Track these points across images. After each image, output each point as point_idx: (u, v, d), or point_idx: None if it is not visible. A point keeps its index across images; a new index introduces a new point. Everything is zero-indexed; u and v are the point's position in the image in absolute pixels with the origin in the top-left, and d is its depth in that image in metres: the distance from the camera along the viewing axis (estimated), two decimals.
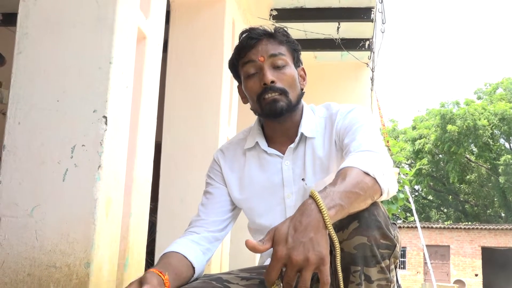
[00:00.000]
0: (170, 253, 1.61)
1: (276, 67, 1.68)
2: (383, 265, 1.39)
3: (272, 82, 1.65)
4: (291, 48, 1.74)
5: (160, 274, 1.43)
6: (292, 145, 1.73)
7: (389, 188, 1.43)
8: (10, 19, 5.86)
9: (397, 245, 1.43)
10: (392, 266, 1.43)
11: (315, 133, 1.74)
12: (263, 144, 1.77)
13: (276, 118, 1.71)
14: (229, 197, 1.80)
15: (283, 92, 1.66)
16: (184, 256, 1.61)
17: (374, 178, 1.39)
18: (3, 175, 2.27)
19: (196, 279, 1.64)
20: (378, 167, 1.42)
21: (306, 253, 1.18)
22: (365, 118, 1.68)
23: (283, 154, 1.74)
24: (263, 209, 1.75)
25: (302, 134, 1.73)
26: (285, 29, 1.77)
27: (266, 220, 1.74)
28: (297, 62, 1.77)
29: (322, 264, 1.18)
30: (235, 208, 1.82)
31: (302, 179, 1.71)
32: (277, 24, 1.80)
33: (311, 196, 1.27)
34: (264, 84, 1.65)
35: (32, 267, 2.19)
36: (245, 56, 1.71)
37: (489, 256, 26.57)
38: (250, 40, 1.70)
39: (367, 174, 1.38)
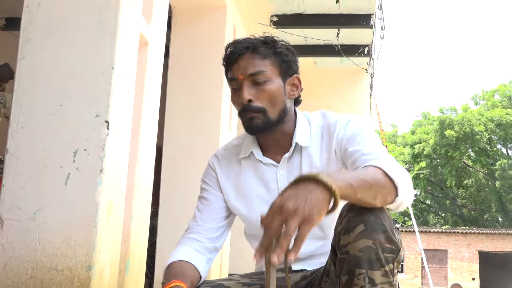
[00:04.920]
0: (183, 263, 1.60)
1: (256, 84, 1.64)
2: (387, 268, 1.38)
3: (250, 101, 1.63)
4: (279, 60, 1.68)
5: (183, 285, 1.47)
6: (287, 155, 1.71)
7: (405, 198, 1.43)
8: (13, 23, 5.87)
9: (401, 249, 1.43)
10: (396, 271, 1.43)
11: (310, 142, 1.71)
12: (258, 153, 1.75)
13: (254, 135, 1.71)
14: (224, 204, 1.79)
15: (261, 111, 1.63)
16: (194, 266, 1.61)
17: (393, 181, 1.40)
18: (6, 178, 2.27)
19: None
20: (400, 174, 1.43)
21: (298, 204, 1.19)
22: (367, 128, 1.67)
23: (278, 163, 1.73)
24: (255, 219, 1.69)
25: (297, 144, 1.70)
26: (275, 38, 1.71)
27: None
28: (286, 73, 1.70)
29: (307, 222, 1.18)
30: (230, 215, 1.81)
31: None
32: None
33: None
34: (242, 102, 1.64)
35: (34, 269, 2.19)
36: (230, 71, 1.69)
37: (486, 260, 26.53)
38: (232, 55, 1.67)
39: (387, 175, 1.40)
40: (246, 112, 1.64)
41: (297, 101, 1.77)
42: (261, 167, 1.75)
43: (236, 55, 1.66)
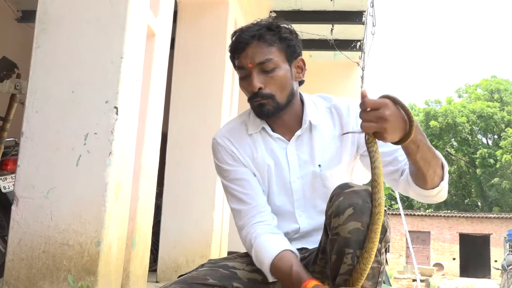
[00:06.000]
0: (281, 255, 1.53)
1: (265, 71, 1.59)
2: None
3: (260, 88, 1.58)
4: (284, 45, 1.63)
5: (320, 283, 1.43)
6: (299, 132, 1.65)
7: (445, 188, 1.54)
8: (29, 15, 5.86)
9: (388, 230, 1.42)
10: (383, 250, 1.42)
11: (321, 121, 1.67)
12: (269, 129, 1.69)
13: (264, 119, 1.66)
14: (255, 176, 1.68)
15: (270, 97, 1.59)
16: (291, 251, 1.55)
17: (443, 169, 1.51)
18: (21, 159, 2.26)
19: (215, 262, 1.60)
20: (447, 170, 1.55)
21: (392, 117, 1.33)
22: None
23: (288, 140, 1.67)
24: (271, 191, 1.67)
25: (310, 122, 1.65)
26: (278, 24, 1.65)
27: (276, 202, 1.67)
28: (292, 56, 1.65)
29: (384, 129, 1.33)
30: None
31: (319, 165, 1.64)
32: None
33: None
34: (252, 90, 1.59)
35: (47, 244, 2.19)
36: (238, 59, 1.63)
37: (466, 242, 26.63)
38: (239, 44, 1.61)
39: (442, 162, 1.52)
40: (256, 99, 1.60)
41: (300, 82, 1.71)
42: (271, 142, 1.68)
43: (243, 45, 1.60)
